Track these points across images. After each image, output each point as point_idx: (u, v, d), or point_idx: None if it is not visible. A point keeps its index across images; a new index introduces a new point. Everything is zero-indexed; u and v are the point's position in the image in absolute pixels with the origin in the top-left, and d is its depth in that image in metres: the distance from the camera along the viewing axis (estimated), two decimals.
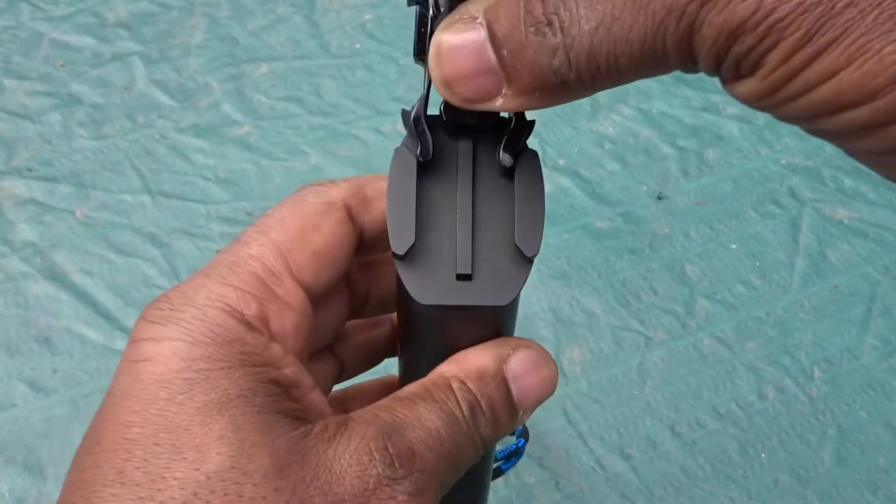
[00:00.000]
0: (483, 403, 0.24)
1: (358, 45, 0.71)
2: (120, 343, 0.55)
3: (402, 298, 0.25)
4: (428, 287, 0.24)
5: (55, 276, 0.58)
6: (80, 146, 0.65)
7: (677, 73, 0.20)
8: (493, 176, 0.24)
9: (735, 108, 0.68)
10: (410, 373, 0.28)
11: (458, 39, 0.20)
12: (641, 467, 0.51)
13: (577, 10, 0.18)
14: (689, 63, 0.18)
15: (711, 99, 0.68)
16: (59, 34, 0.71)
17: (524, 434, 0.43)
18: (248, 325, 0.23)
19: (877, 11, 0.16)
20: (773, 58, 0.17)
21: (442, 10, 0.23)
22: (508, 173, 0.24)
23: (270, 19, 0.72)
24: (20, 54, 0.70)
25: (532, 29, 0.19)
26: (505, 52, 0.19)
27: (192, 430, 0.21)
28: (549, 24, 0.19)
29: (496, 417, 0.25)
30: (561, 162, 0.65)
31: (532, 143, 0.25)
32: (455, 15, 0.20)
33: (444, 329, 0.26)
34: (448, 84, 0.21)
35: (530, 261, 0.24)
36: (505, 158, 0.24)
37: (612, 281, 0.59)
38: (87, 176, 0.63)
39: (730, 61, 0.18)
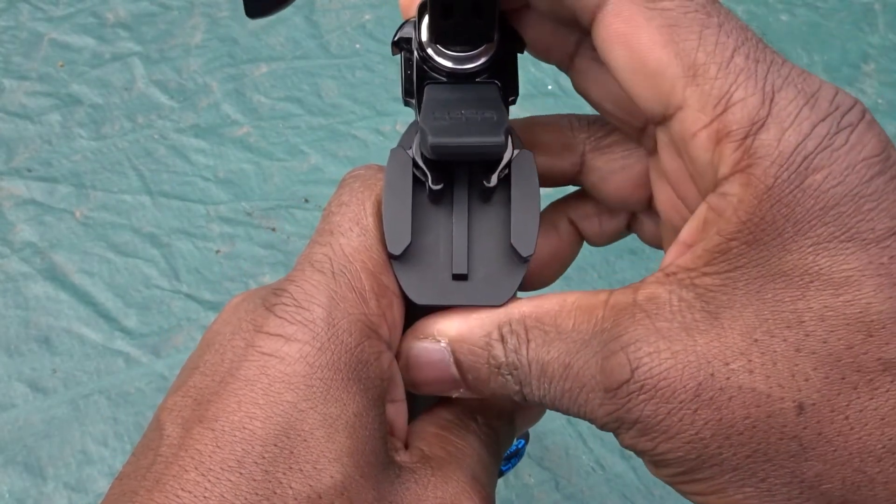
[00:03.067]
0: (499, 436, 0.27)
1: (358, 45, 0.71)
2: (120, 343, 0.55)
3: (406, 307, 0.25)
4: (424, 287, 0.24)
5: (55, 277, 0.58)
6: (79, 146, 0.65)
7: None
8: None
9: None
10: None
11: (424, 356, 0.24)
12: (641, 467, 0.51)
13: (531, 379, 0.22)
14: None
15: None
16: (58, 34, 0.71)
17: (524, 435, 0.43)
18: (369, 330, 0.23)
19: None
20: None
21: (427, 51, 0.24)
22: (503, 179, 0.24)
23: (270, 19, 0.72)
24: (20, 54, 0.70)
25: (497, 370, 0.23)
26: (470, 377, 0.23)
27: (310, 443, 0.21)
28: (511, 373, 0.22)
29: (507, 445, 0.28)
30: None
31: None
32: (420, 331, 0.24)
33: None
34: (415, 386, 0.24)
35: (526, 261, 0.24)
36: (491, 181, 0.24)
37: (612, 281, 0.59)
38: (87, 176, 0.63)
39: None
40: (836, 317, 0.19)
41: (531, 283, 0.29)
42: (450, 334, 0.23)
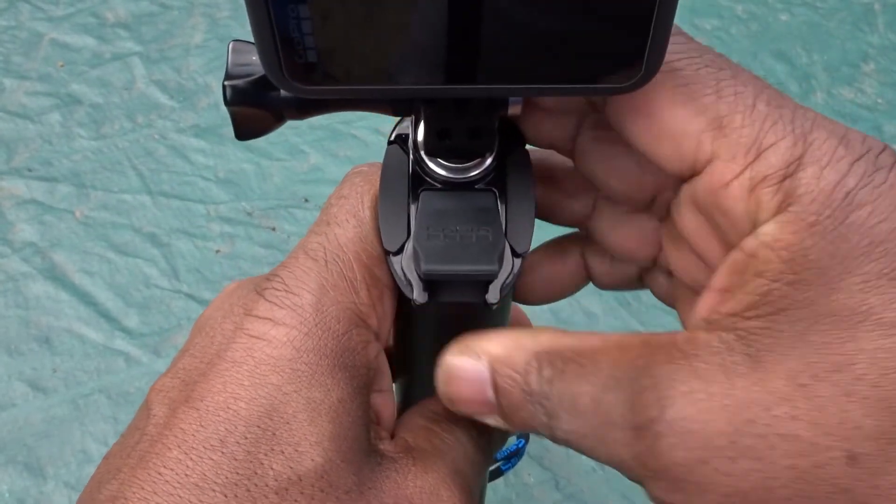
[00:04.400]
0: (490, 432, 0.26)
1: None
2: (120, 343, 0.55)
3: (399, 300, 0.25)
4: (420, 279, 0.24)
5: (55, 276, 0.58)
6: (79, 146, 0.65)
7: None
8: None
9: None
10: (413, 383, 0.28)
11: (464, 372, 0.22)
12: None
13: (560, 412, 0.21)
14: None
15: None
16: (59, 34, 0.71)
17: (524, 435, 0.43)
18: (357, 318, 0.23)
19: None
20: None
21: (421, 153, 0.23)
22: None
23: None
24: (20, 54, 0.70)
25: (529, 398, 0.21)
26: (504, 402, 0.22)
27: (293, 426, 0.21)
28: (541, 403, 0.21)
29: (498, 444, 0.27)
30: None
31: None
32: (465, 344, 0.23)
33: (438, 326, 0.26)
34: (451, 402, 0.23)
35: (520, 256, 0.24)
36: (492, 298, 0.23)
37: None
38: (87, 176, 0.63)
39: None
40: (891, 359, 0.18)
41: (527, 295, 0.29)
42: (492, 353, 0.22)
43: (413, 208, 0.23)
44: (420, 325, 0.26)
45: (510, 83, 0.18)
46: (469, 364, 0.22)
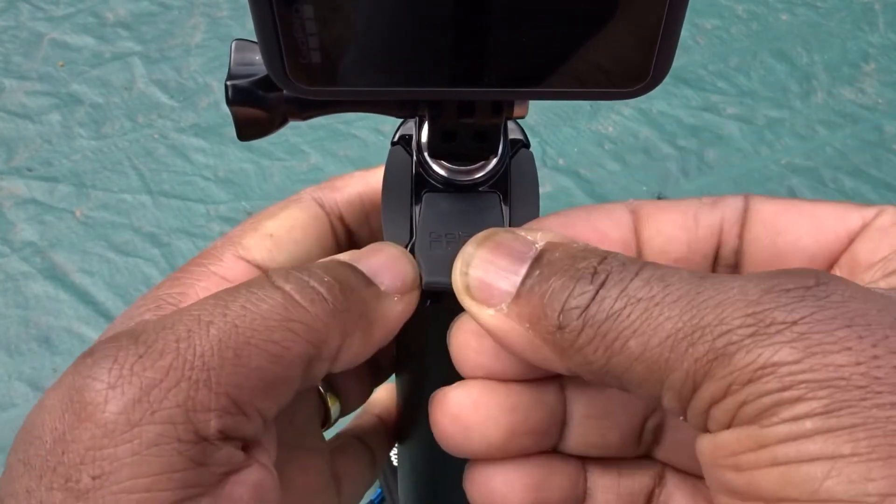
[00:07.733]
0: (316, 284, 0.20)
1: None
2: None
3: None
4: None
5: (55, 276, 0.58)
6: (80, 146, 0.65)
7: (676, 73, 0.20)
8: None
9: (735, 108, 0.68)
10: (410, 395, 0.28)
11: (507, 246, 0.19)
12: None
13: (631, 282, 0.17)
14: (678, 411, 0.17)
15: (711, 99, 0.68)
16: (59, 34, 0.71)
17: None
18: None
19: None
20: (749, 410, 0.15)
21: (424, 155, 0.23)
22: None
23: None
24: (20, 54, 0.70)
25: (582, 266, 0.18)
26: (537, 272, 0.18)
27: None
28: (595, 273, 0.18)
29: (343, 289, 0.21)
30: (561, 162, 0.65)
31: (532, 143, 0.25)
32: (521, 231, 0.20)
33: (438, 334, 0.26)
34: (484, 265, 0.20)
35: None
36: None
37: None
38: (87, 176, 0.63)
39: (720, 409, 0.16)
40: None
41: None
42: (549, 237, 0.19)
43: (416, 210, 0.23)
44: (420, 334, 0.26)
45: (516, 86, 0.18)
46: (519, 244, 0.19)
